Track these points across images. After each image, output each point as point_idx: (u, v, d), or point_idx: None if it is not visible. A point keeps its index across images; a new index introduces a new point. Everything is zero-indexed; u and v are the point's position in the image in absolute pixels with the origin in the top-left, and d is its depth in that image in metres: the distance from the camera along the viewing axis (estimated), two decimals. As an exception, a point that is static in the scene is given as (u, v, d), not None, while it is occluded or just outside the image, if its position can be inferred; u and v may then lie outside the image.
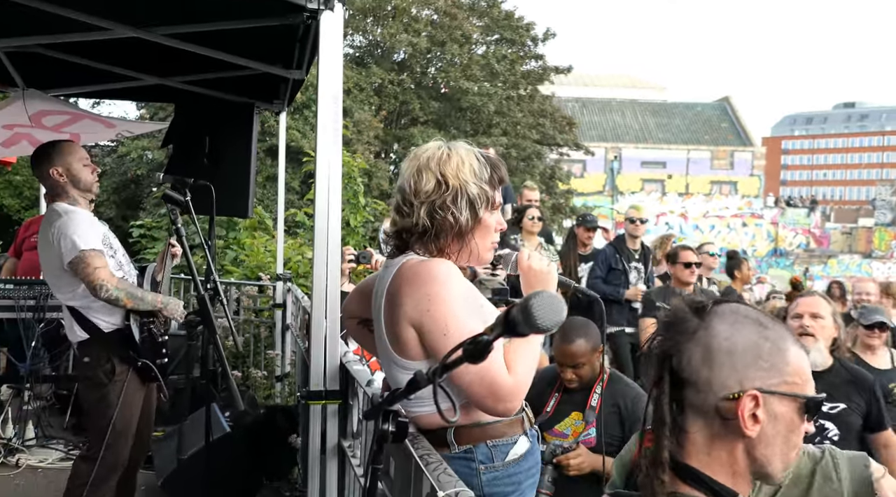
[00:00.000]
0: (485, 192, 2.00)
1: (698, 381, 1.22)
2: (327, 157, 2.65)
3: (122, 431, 3.59)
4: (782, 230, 42.31)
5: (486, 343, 1.12)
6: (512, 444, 2.00)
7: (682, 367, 1.23)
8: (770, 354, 1.23)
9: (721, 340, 1.23)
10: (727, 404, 1.20)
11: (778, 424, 1.22)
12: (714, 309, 1.26)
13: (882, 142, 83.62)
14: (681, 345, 1.24)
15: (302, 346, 4.76)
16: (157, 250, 9.11)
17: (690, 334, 1.24)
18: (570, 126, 27.46)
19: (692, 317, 1.26)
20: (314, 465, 2.80)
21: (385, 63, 24.22)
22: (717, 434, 1.22)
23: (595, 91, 50.52)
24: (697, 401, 1.23)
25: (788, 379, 1.23)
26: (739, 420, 1.19)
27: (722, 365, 1.22)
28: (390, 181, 22.67)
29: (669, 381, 1.24)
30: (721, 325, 1.24)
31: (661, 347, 1.26)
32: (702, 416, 1.23)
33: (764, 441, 1.21)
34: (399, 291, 1.93)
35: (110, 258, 3.55)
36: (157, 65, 4.90)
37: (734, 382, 1.21)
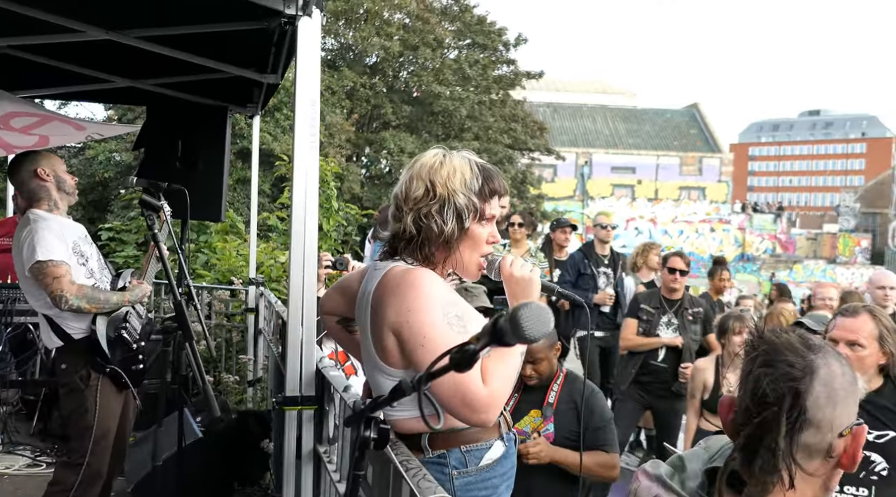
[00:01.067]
0: (473, 203, 1.99)
1: (822, 421, 1.17)
2: (304, 162, 2.65)
3: (103, 437, 3.58)
4: (749, 236, 42.86)
5: (472, 352, 1.14)
6: (486, 448, 2.01)
7: (808, 406, 1.17)
8: (858, 391, 1.23)
9: (839, 378, 1.20)
10: (839, 441, 1.18)
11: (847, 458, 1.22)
12: (821, 344, 1.23)
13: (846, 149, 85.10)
14: (808, 384, 1.18)
15: (275, 351, 4.74)
16: (126, 254, 9.03)
17: (814, 370, 1.19)
18: (542, 131, 27.63)
19: (810, 353, 1.21)
20: (289, 470, 2.79)
21: (357, 66, 24.18)
22: (815, 471, 1.19)
23: (566, 96, 50.85)
24: (814, 441, 1.18)
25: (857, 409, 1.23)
26: (848, 454, 1.18)
27: (842, 402, 1.19)
28: (362, 185, 22.63)
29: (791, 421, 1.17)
30: (836, 364, 1.21)
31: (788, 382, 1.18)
32: (810, 456, 1.18)
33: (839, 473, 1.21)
34: (382, 299, 1.94)
35: (81, 266, 3.53)
36: (128, 67, 4.86)
37: (847, 419, 1.19)
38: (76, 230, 3.67)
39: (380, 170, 24.48)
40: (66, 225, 3.59)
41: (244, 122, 15.26)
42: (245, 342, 6.47)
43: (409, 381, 1.26)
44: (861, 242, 43.36)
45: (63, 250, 3.45)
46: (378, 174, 24.38)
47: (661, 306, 5.88)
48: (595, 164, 43.52)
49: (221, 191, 5.23)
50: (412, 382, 1.24)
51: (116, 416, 3.69)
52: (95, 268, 3.69)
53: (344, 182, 19.15)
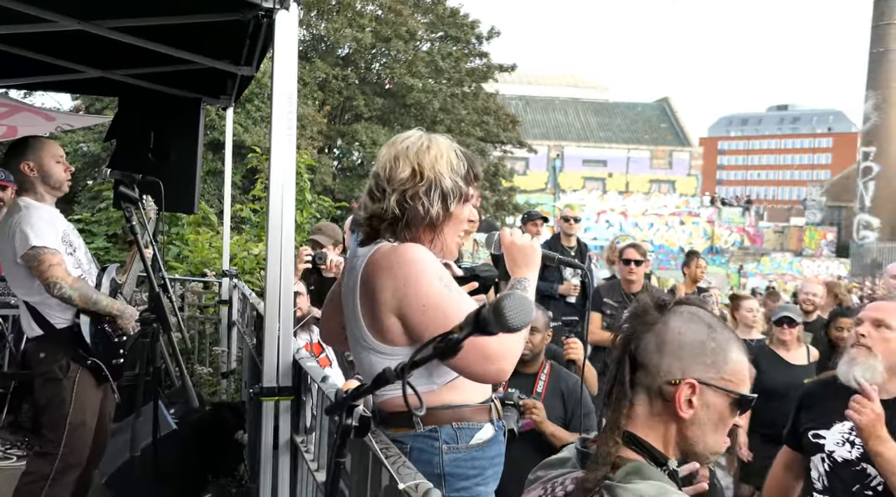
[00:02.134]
0: (459, 186, 2.02)
1: (649, 365, 1.43)
2: (281, 155, 2.66)
3: (79, 428, 3.57)
4: (718, 228, 43.38)
5: (456, 341, 1.18)
6: (477, 428, 2.04)
7: (639, 351, 1.43)
8: (713, 353, 1.43)
9: (674, 334, 1.43)
10: (669, 388, 1.41)
11: (710, 413, 1.42)
12: (675, 307, 1.47)
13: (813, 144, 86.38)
14: (641, 333, 1.44)
15: (249, 343, 4.75)
16: (96, 245, 8.92)
17: (650, 325, 1.44)
18: (514, 124, 27.71)
19: (654, 311, 1.46)
20: (266, 460, 2.81)
21: (329, 58, 24.06)
22: (658, 411, 1.43)
23: (538, 89, 50.98)
24: (646, 381, 1.43)
25: (725, 376, 1.43)
26: (676, 403, 1.40)
27: (670, 354, 1.42)
28: (334, 177, 22.55)
29: (628, 362, 1.44)
30: (676, 321, 1.44)
31: (625, 333, 1.47)
32: (647, 395, 1.43)
33: (696, 424, 1.42)
34: (374, 279, 1.96)
35: (69, 256, 3.53)
36: (100, 57, 4.81)
37: (677, 370, 1.41)
38: (65, 221, 3.66)
39: (352, 162, 24.40)
40: (55, 214, 3.59)
41: (214, 114, 15.15)
42: (218, 334, 6.46)
43: (393, 370, 1.29)
44: (827, 235, 44.07)
45: (54, 238, 3.45)
46: (350, 166, 24.31)
47: (623, 300, 5.95)
48: (567, 157, 43.75)
49: (194, 182, 5.21)
50: (395, 370, 1.28)
51: (95, 409, 3.68)
52: (83, 259, 3.68)
53: (316, 174, 19.08)
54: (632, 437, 1.41)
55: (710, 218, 43.42)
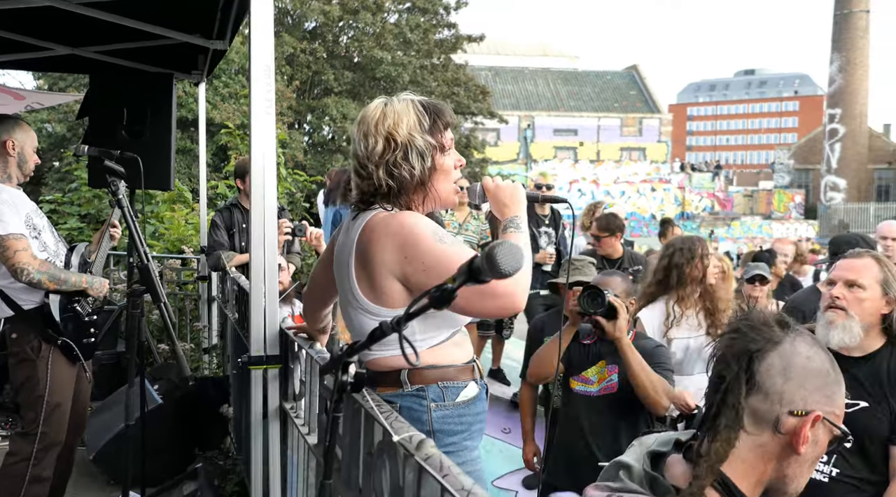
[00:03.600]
0: (429, 141, 2.07)
1: (771, 389, 1.27)
2: (262, 128, 2.68)
3: (56, 407, 3.60)
4: (689, 194, 43.77)
5: (450, 290, 1.24)
6: (462, 387, 2.12)
7: (760, 370, 1.27)
8: (832, 385, 1.31)
9: (802, 358, 1.29)
10: (790, 419, 1.26)
11: (816, 450, 1.30)
12: (796, 327, 1.33)
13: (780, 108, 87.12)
14: (765, 350, 1.29)
15: (231, 317, 4.78)
16: (69, 226, 8.86)
17: (776, 343, 1.30)
18: (484, 95, 27.64)
19: (777, 327, 1.31)
20: (256, 428, 2.87)
21: (296, 32, 23.80)
22: (764, 442, 1.28)
23: (508, 60, 50.82)
24: (762, 408, 1.27)
25: (837, 411, 1.31)
26: (797, 437, 1.26)
27: (796, 381, 1.27)
28: (305, 152, 22.42)
29: (745, 381, 1.28)
30: (803, 345, 1.31)
31: (745, 345, 1.30)
32: (758, 423, 1.28)
33: (800, 461, 1.29)
34: (373, 244, 2.02)
35: (34, 239, 3.52)
36: (69, 34, 4.77)
37: (801, 400, 1.27)
38: (28, 202, 3.65)
39: (323, 137, 24.27)
40: (17, 196, 3.57)
41: (181, 91, 14.98)
42: (198, 310, 6.48)
43: (389, 322, 1.35)
44: (795, 198, 44.66)
45: (18, 223, 3.44)
46: (321, 141, 24.18)
47: (603, 266, 6.06)
48: (538, 127, 43.78)
49: (169, 159, 5.20)
50: (392, 323, 1.34)
51: (70, 387, 3.71)
52: (49, 241, 3.67)
53: (287, 149, 18.97)
54: (724, 479, 1.26)
55: (680, 184, 43.79)
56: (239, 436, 4.38)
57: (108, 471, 4.52)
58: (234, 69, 18.91)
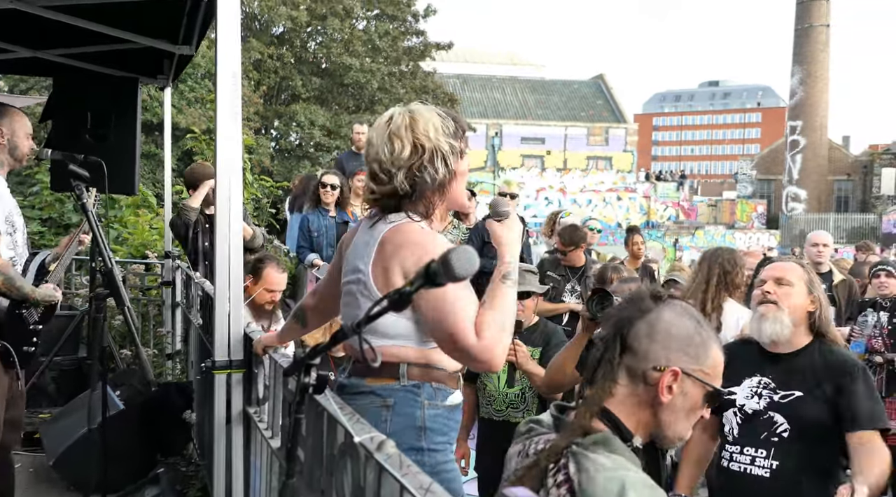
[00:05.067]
0: (453, 146, 2.14)
1: (638, 349, 1.54)
2: (227, 134, 2.70)
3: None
4: (654, 203, 44.20)
5: (408, 294, 1.27)
6: (451, 392, 2.20)
7: (630, 335, 1.55)
8: (697, 346, 1.55)
9: (666, 323, 1.55)
10: (653, 373, 1.52)
11: (686, 401, 1.54)
12: (668, 300, 1.59)
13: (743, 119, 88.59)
14: (635, 319, 1.56)
15: (195, 323, 4.76)
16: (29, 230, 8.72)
17: (644, 312, 1.56)
18: (452, 102, 27.68)
19: (650, 300, 1.58)
20: (219, 433, 2.88)
21: (264, 37, 23.69)
22: (638, 393, 1.54)
23: (476, 68, 51.05)
24: (632, 364, 1.54)
25: (705, 369, 1.55)
26: (658, 387, 1.51)
27: (659, 342, 1.54)
28: (271, 158, 22.30)
29: (619, 344, 1.55)
30: (669, 313, 1.57)
31: (620, 315, 1.59)
32: (631, 377, 1.54)
33: (671, 409, 1.54)
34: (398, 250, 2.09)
35: (8, 235, 3.45)
36: (31, 36, 4.73)
37: (663, 358, 1.53)
38: (10, 199, 3.59)
39: (290, 143, 24.16)
40: (3, 190, 3.50)
41: (146, 95, 14.84)
42: (162, 316, 6.43)
43: (350, 325, 1.38)
44: (757, 208, 45.31)
45: None
46: (288, 147, 24.07)
47: (565, 274, 6.16)
48: (505, 135, 44.01)
49: (133, 163, 5.18)
50: (352, 325, 1.37)
51: (2, 395, 3.53)
52: (20, 241, 3.62)
53: (254, 155, 18.87)
54: (605, 411, 1.52)
55: (646, 193, 44.21)
56: (202, 442, 4.36)
57: (69, 477, 4.47)
58: (200, 74, 18.78)
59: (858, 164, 48.27)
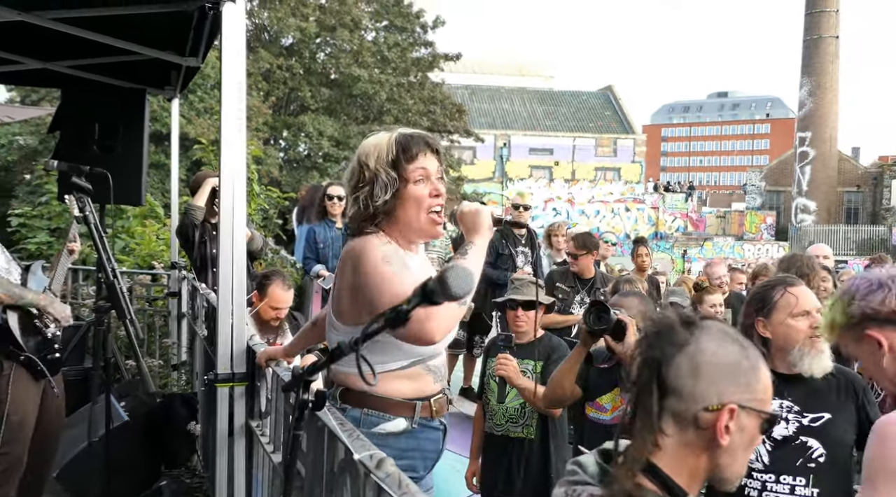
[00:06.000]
0: (391, 175, 2.18)
1: (683, 390, 1.34)
2: (232, 146, 2.70)
3: (18, 427, 3.50)
4: (662, 214, 44.12)
5: (405, 312, 1.26)
6: (386, 419, 2.20)
7: (670, 375, 1.35)
8: (747, 372, 1.37)
9: (708, 355, 1.36)
10: (706, 415, 1.33)
11: (744, 436, 1.36)
12: (702, 324, 1.40)
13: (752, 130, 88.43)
14: (671, 355, 1.36)
15: (200, 334, 4.76)
16: (38, 240, 8.77)
17: (680, 346, 1.36)
18: (460, 113, 27.75)
19: (682, 330, 1.38)
20: (222, 446, 2.86)
21: (273, 48, 23.77)
22: (690, 441, 1.35)
23: (484, 78, 51.10)
24: (679, 408, 1.35)
25: (758, 396, 1.38)
26: (715, 430, 1.33)
27: (706, 378, 1.34)
28: (280, 168, 22.35)
29: (657, 387, 1.35)
30: (708, 341, 1.37)
31: (651, 355, 1.38)
32: (679, 423, 1.35)
33: (729, 451, 1.36)
34: (341, 267, 2.21)
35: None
36: (41, 48, 4.76)
37: (714, 395, 1.34)
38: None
39: (298, 153, 24.20)
40: None
41: (157, 105, 14.91)
42: (168, 327, 6.43)
43: (348, 342, 1.37)
44: (766, 219, 45.16)
45: None
46: (297, 158, 24.12)
47: (575, 285, 6.12)
48: (513, 146, 44.02)
49: (141, 174, 5.19)
50: (350, 343, 1.36)
51: (34, 406, 3.60)
52: (1, 260, 3.60)
53: (262, 166, 18.92)
54: (653, 468, 1.34)
55: (654, 204, 44.14)
56: (206, 453, 4.35)
57: (72, 489, 4.45)
58: (209, 84, 18.85)
59: (868, 175, 48.08)
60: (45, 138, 17.80)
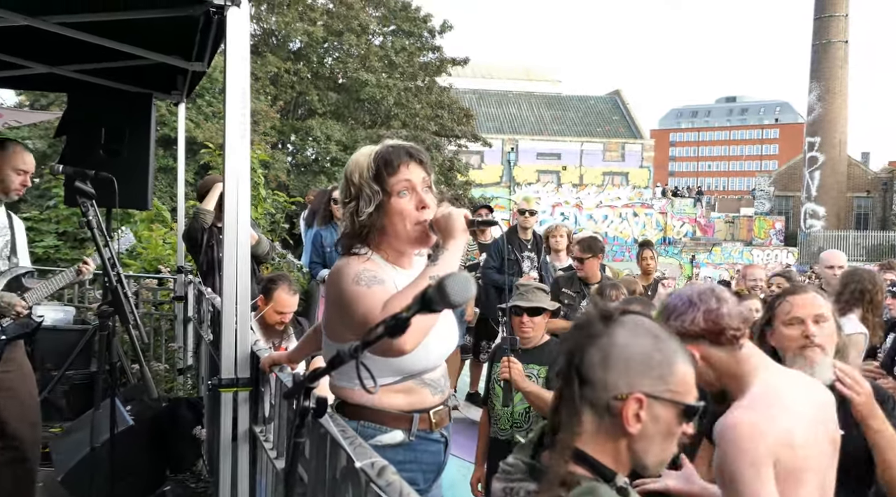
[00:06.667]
0: (373, 188, 2.19)
1: (595, 379, 1.41)
2: (235, 151, 2.69)
3: None
4: (670, 220, 44.01)
5: (404, 320, 1.25)
6: (382, 432, 2.20)
7: (584, 365, 1.42)
8: (659, 365, 1.42)
9: (619, 347, 1.42)
10: (615, 403, 1.39)
11: (658, 425, 1.41)
12: (620, 318, 1.45)
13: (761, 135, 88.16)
14: (585, 346, 1.43)
15: (206, 338, 4.75)
16: (45, 244, 8.79)
17: (595, 338, 1.43)
18: (468, 118, 27.77)
19: (599, 323, 1.44)
20: (225, 451, 2.85)
21: (281, 52, 23.85)
22: (606, 427, 1.41)
23: (492, 83, 51.11)
24: (592, 397, 1.41)
25: (672, 387, 1.42)
26: (623, 417, 1.39)
27: (615, 368, 1.40)
28: (287, 172, 22.40)
29: (575, 377, 1.42)
30: (621, 334, 1.43)
31: (569, 346, 1.45)
32: (594, 410, 1.41)
33: (644, 438, 1.41)
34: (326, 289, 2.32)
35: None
36: (47, 53, 4.75)
37: (623, 385, 1.40)
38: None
39: (306, 158, 24.26)
40: None
41: (165, 109, 14.96)
42: (174, 331, 6.44)
43: (347, 350, 1.36)
44: (775, 225, 45.00)
45: None
46: (304, 162, 24.17)
47: (581, 290, 6.08)
48: (521, 151, 44.01)
49: (147, 178, 5.19)
50: (349, 351, 1.34)
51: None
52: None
53: (270, 170, 18.95)
54: (580, 453, 1.41)
55: (662, 209, 44.04)
56: (212, 458, 4.34)
57: (77, 493, 4.45)
58: (218, 89, 18.89)
59: (878, 180, 47.87)
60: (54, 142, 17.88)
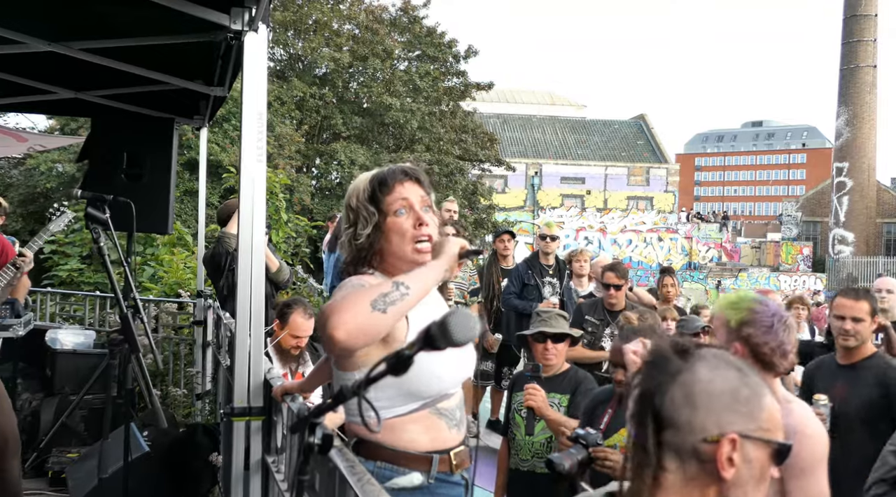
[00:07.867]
0: (369, 209, 2.17)
1: (678, 421, 1.26)
2: (251, 174, 2.67)
3: None
4: (696, 244, 43.67)
5: (407, 357, 1.19)
6: (400, 473, 2.10)
7: (664, 407, 1.27)
8: (748, 400, 1.28)
9: (704, 383, 1.27)
10: (706, 446, 1.25)
11: (751, 468, 1.27)
12: (697, 352, 1.32)
13: (788, 159, 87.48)
14: (663, 385, 1.28)
15: (224, 364, 4.72)
16: (69, 267, 8.86)
17: (673, 375, 1.29)
18: (492, 142, 27.83)
19: (675, 358, 1.31)
20: (237, 481, 2.80)
21: (306, 77, 24.09)
22: (693, 475, 1.27)
23: (516, 107, 51.30)
24: (676, 441, 1.26)
25: (763, 425, 1.28)
26: (717, 462, 1.24)
27: (702, 407, 1.26)
28: (312, 196, 22.53)
29: (652, 420, 1.28)
30: (703, 369, 1.29)
31: (644, 386, 1.30)
32: (679, 457, 1.27)
33: (737, 484, 1.26)
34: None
35: None
36: (72, 78, 4.80)
37: (713, 425, 1.25)
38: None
39: (330, 181, 24.40)
40: None
41: (191, 133, 15.12)
42: (193, 355, 6.42)
43: (350, 386, 1.30)
44: (803, 250, 44.49)
45: None
46: (328, 186, 24.30)
47: (604, 318, 5.95)
48: (545, 175, 44.00)
49: (168, 203, 5.19)
50: (353, 387, 1.29)
51: None
52: None
53: (294, 193, 19.05)
54: None
55: (687, 234, 43.73)
56: (227, 485, 4.28)
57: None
58: (243, 113, 19.10)
59: (908, 206, 47.24)
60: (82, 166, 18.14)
